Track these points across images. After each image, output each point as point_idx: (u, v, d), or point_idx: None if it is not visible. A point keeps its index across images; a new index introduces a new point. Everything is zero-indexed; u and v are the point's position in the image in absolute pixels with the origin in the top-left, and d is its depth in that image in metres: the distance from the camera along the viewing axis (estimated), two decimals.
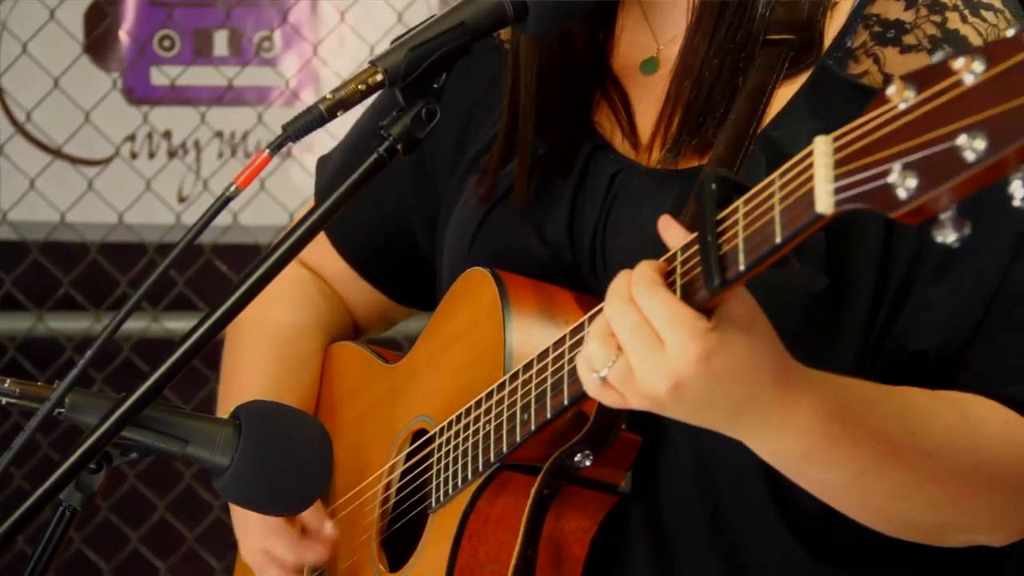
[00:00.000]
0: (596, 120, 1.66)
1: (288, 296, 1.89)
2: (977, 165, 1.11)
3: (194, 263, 3.85)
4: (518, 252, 1.64)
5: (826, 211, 1.21)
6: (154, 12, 3.97)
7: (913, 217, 1.16)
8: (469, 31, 1.48)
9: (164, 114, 3.96)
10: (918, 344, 1.50)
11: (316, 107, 1.42)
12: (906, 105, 1.15)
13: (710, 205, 1.33)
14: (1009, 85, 1.09)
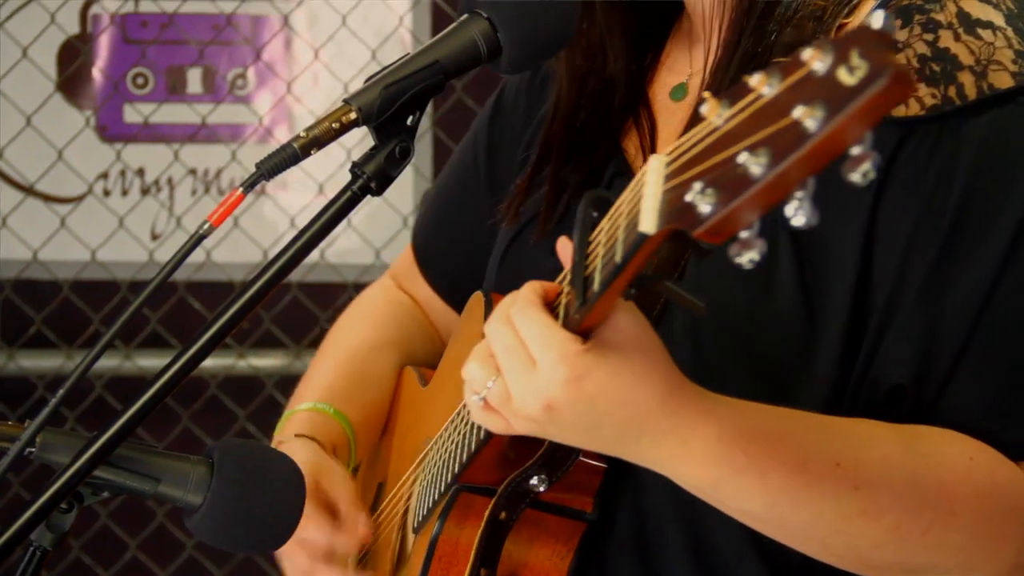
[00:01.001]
0: (624, 145, 1.67)
1: (376, 316, 1.94)
2: (762, 180, 1.10)
3: (167, 300, 3.84)
4: (541, 274, 1.65)
5: (649, 230, 1.20)
6: (127, 50, 3.97)
7: (714, 236, 1.15)
8: (443, 69, 1.48)
9: (137, 151, 3.96)
10: (895, 378, 1.48)
11: (290, 145, 1.42)
12: (720, 121, 1.15)
13: (583, 225, 1.33)
14: (790, 100, 1.09)
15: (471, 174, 1.86)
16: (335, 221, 1.46)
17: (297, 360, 3.88)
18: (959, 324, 1.46)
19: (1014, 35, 1.50)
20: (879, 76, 1.06)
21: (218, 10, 3.90)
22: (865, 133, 1.08)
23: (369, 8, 3.88)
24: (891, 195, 1.47)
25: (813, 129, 1.08)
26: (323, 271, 3.83)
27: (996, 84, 1.47)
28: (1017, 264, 1.45)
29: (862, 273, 1.48)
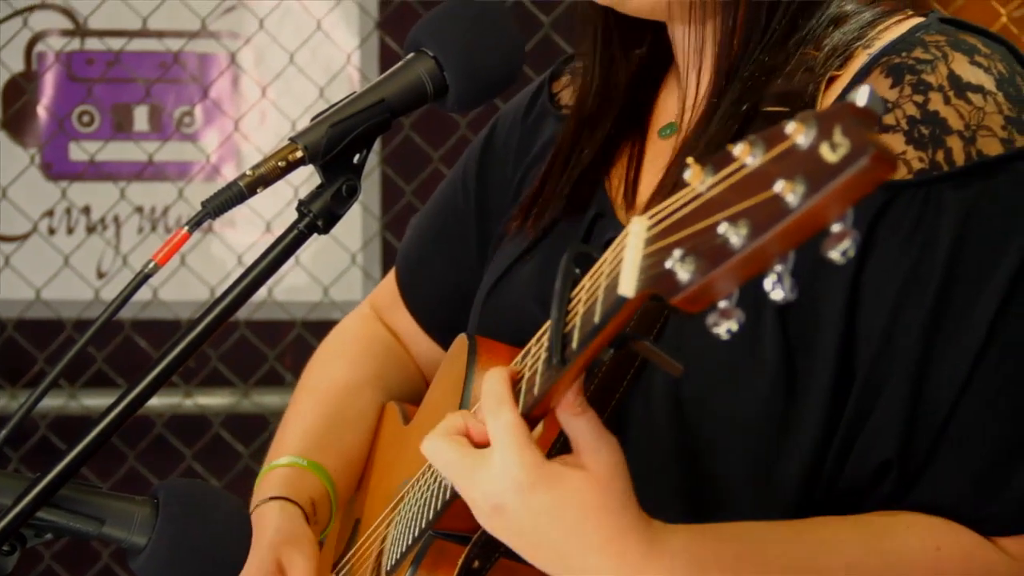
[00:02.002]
0: (610, 176, 1.67)
1: (352, 352, 1.92)
2: (741, 252, 1.10)
3: (113, 339, 3.82)
4: (521, 318, 1.64)
5: (627, 293, 1.20)
6: (73, 88, 3.96)
7: (692, 304, 1.15)
8: (389, 108, 1.49)
9: (83, 189, 3.94)
10: (883, 453, 1.46)
11: (236, 184, 1.42)
12: (703, 187, 1.14)
13: (565, 281, 1.32)
14: (773, 173, 1.09)
15: (459, 207, 1.85)
16: (282, 259, 1.46)
17: (244, 399, 3.86)
18: (944, 397, 1.44)
19: (1004, 100, 1.47)
20: (860, 156, 1.05)
21: (165, 48, 3.89)
22: (846, 211, 1.08)
23: (317, 46, 3.88)
24: (876, 259, 1.45)
25: (794, 204, 1.07)
26: (271, 309, 3.81)
27: (985, 151, 1.45)
28: (1001, 338, 1.44)
29: (846, 336, 1.46)
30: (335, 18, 3.91)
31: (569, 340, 1.30)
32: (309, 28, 3.86)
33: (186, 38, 3.89)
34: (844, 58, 1.52)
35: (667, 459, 1.51)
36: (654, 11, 1.59)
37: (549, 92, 1.80)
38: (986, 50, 1.49)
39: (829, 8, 1.55)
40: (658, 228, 1.18)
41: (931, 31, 1.52)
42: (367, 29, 3.92)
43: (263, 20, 3.86)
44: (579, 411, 1.36)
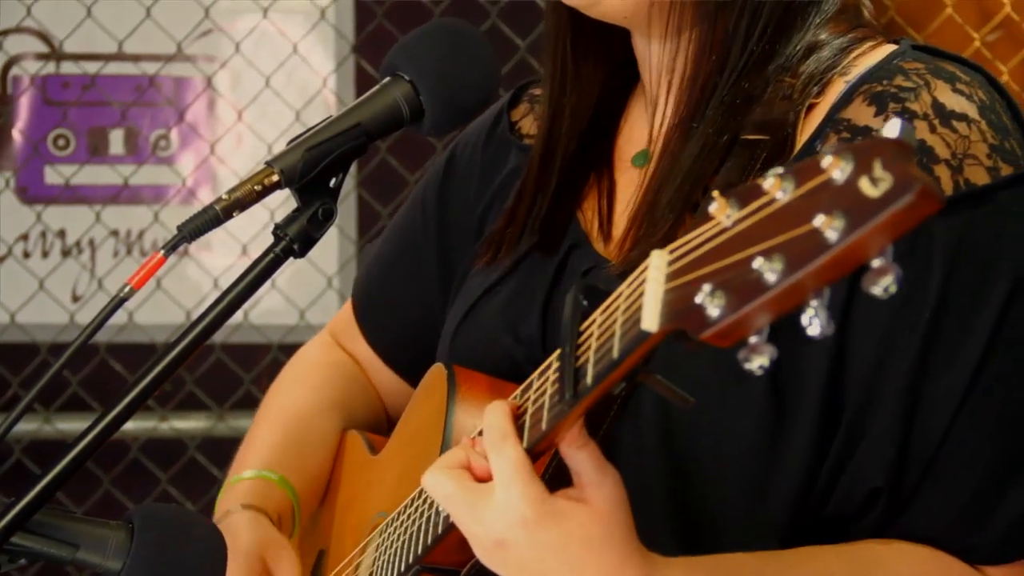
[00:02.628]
0: (582, 207, 1.66)
1: (314, 378, 1.91)
2: (777, 287, 1.09)
3: (88, 363, 3.81)
4: (494, 350, 1.64)
5: (651, 328, 1.19)
6: (48, 111, 3.95)
7: (722, 339, 1.14)
8: (365, 132, 1.49)
9: (58, 213, 3.93)
10: (872, 481, 1.46)
11: (212, 208, 1.42)
12: (728, 221, 1.13)
13: (574, 315, 1.32)
14: (808, 208, 1.08)
15: (418, 237, 1.84)
16: (258, 283, 1.46)
17: (220, 422, 3.85)
18: (935, 426, 1.44)
19: (988, 128, 1.47)
20: (906, 191, 1.04)
21: (141, 71, 3.89)
22: (887, 246, 1.07)
23: (292, 70, 3.88)
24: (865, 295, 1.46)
25: (833, 240, 1.06)
26: (247, 332, 3.81)
27: (972, 179, 1.45)
28: (991, 367, 1.44)
29: (836, 366, 1.46)
30: (311, 42, 3.91)
31: (582, 375, 1.29)
32: (285, 51, 3.86)
33: (162, 62, 3.89)
34: (822, 85, 1.52)
35: (657, 485, 1.51)
36: (629, 17, 1.57)
37: (508, 121, 1.79)
38: (966, 77, 1.50)
39: (806, 35, 1.55)
40: (681, 263, 1.17)
41: (908, 58, 1.52)
42: (343, 53, 3.92)
43: (239, 44, 3.86)
44: (581, 443, 1.36)
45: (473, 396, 1.58)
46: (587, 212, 1.66)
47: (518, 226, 1.67)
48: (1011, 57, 3.73)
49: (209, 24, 3.88)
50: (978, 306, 1.44)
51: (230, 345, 3.82)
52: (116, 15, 3.83)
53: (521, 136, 1.77)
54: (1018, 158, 1.47)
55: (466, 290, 1.73)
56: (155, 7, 3.80)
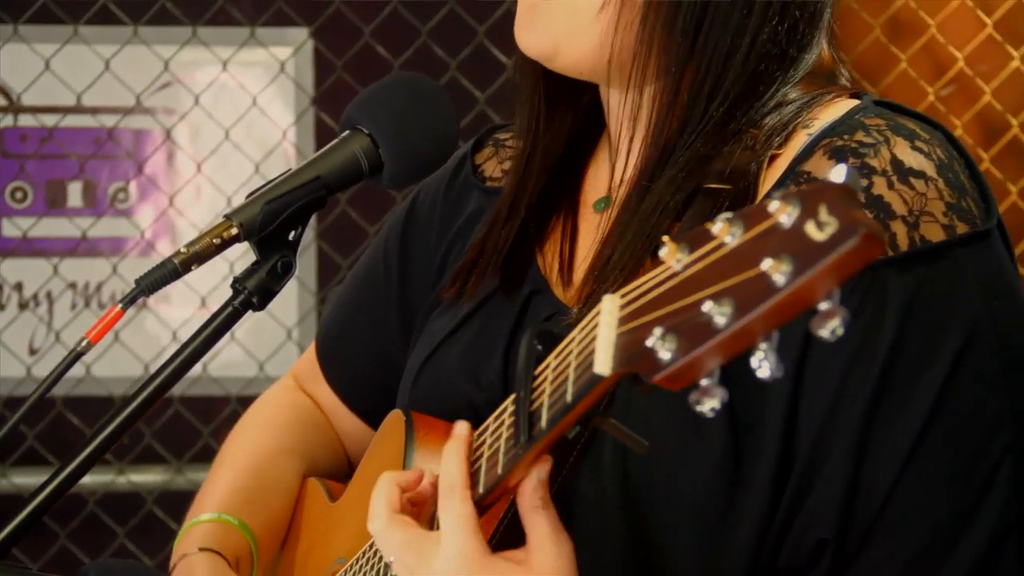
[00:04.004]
0: (543, 251, 1.66)
1: (275, 422, 1.90)
2: (726, 330, 1.10)
3: (45, 416, 3.78)
4: (455, 396, 1.64)
5: (603, 372, 1.20)
6: (6, 164, 3.94)
7: (673, 382, 1.15)
8: (324, 185, 1.49)
9: (15, 266, 3.91)
10: (820, 532, 1.46)
11: (170, 261, 1.42)
12: (679, 266, 1.14)
13: (528, 359, 1.32)
14: (756, 252, 1.09)
15: (380, 280, 1.84)
16: (217, 336, 1.46)
17: (179, 475, 3.83)
18: (882, 481, 1.45)
19: (945, 187, 1.48)
20: (851, 235, 1.06)
21: (99, 124, 3.89)
22: (834, 289, 1.08)
23: (252, 122, 3.89)
24: (820, 341, 1.47)
25: (781, 283, 1.08)
26: (206, 384, 3.79)
27: (928, 236, 1.46)
28: (940, 424, 1.44)
29: (789, 418, 1.46)
30: (271, 94, 3.92)
31: (537, 419, 1.30)
32: (244, 104, 3.87)
33: (121, 114, 3.89)
34: (784, 137, 1.54)
35: (614, 533, 1.51)
36: (587, 72, 1.58)
37: (472, 164, 1.79)
38: (925, 135, 1.51)
39: (772, 99, 1.56)
40: (632, 307, 1.18)
41: (869, 114, 1.53)
42: (303, 105, 3.93)
43: (198, 96, 3.86)
44: (540, 504, 1.37)
45: (431, 442, 1.59)
46: (548, 255, 1.66)
47: (486, 257, 1.67)
48: (965, 112, 3.76)
49: (168, 77, 3.89)
50: (928, 362, 1.45)
51: (188, 397, 3.81)
52: (75, 68, 3.83)
53: (484, 179, 1.78)
54: (974, 217, 1.48)
55: (427, 335, 1.73)
56: (114, 60, 3.80)
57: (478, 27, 3.72)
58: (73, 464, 1.41)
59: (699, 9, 1.53)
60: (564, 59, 1.57)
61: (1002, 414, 1.46)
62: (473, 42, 3.74)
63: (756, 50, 1.55)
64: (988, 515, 1.45)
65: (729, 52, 1.54)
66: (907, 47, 3.74)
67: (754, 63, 1.55)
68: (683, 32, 1.53)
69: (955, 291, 1.46)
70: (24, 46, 3.80)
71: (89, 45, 3.79)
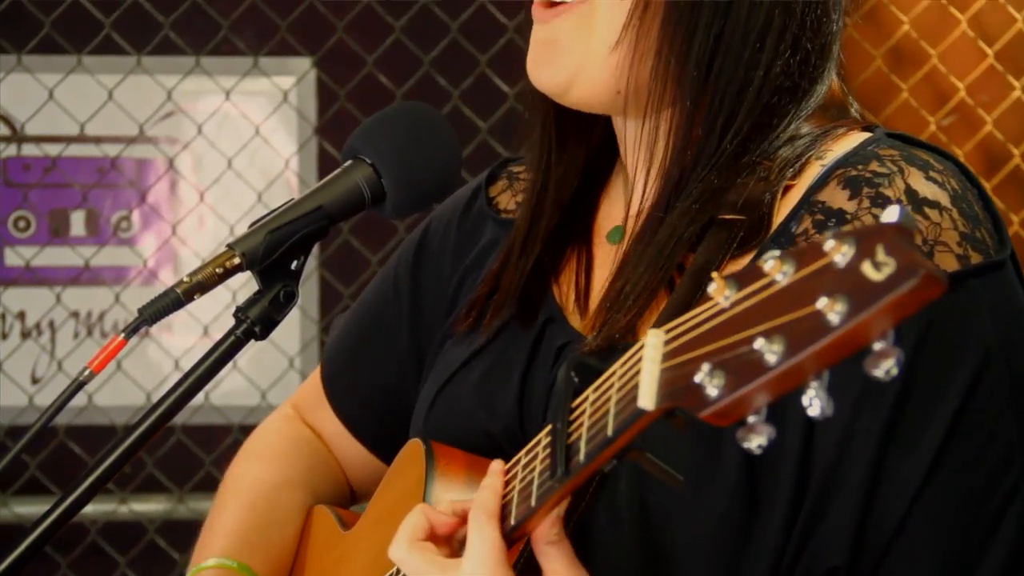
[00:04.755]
0: (559, 281, 1.67)
1: (276, 453, 1.89)
2: (777, 368, 1.10)
3: (47, 445, 3.78)
4: (471, 425, 1.64)
5: (648, 407, 1.20)
6: (9, 193, 3.95)
7: (721, 418, 1.15)
8: (327, 215, 1.50)
9: (18, 295, 3.92)
10: (831, 560, 1.46)
11: (172, 291, 1.42)
12: (727, 303, 1.14)
13: (566, 392, 1.32)
14: (809, 290, 1.10)
15: (390, 308, 1.84)
16: (219, 365, 1.46)
17: (180, 504, 3.83)
18: (893, 512, 1.45)
19: (959, 217, 1.48)
20: (910, 276, 1.06)
21: (102, 153, 3.90)
22: (889, 330, 1.08)
23: (255, 151, 3.90)
24: (834, 371, 1.46)
25: (836, 323, 1.07)
26: (207, 413, 3.79)
27: (942, 265, 1.46)
28: (952, 453, 1.45)
29: (805, 446, 1.47)
30: (274, 123, 3.93)
31: (575, 452, 1.29)
32: (247, 133, 3.87)
33: (124, 143, 3.90)
34: (797, 168, 1.54)
35: (631, 560, 1.51)
36: (600, 106, 1.59)
37: (486, 196, 1.80)
38: (939, 166, 1.52)
39: (786, 131, 1.57)
40: (678, 342, 1.18)
41: (882, 145, 1.54)
42: (305, 135, 3.94)
43: (201, 126, 3.87)
44: (555, 539, 1.37)
45: (451, 472, 1.58)
46: (563, 285, 1.66)
47: (501, 294, 1.67)
48: (966, 141, 3.77)
49: (171, 106, 3.90)
50: (942, 391, 1.45)
51: (191, 426, 3.80)
52: (78, 97, 3.84)
53: (498, 211, 1.78)
54: (988, 247, 1.49)
55: (442, 363, 1.73)
56: (117, 89, 3.81)
57: (480, 57, 3.73)
58: (75, 493, 1.41)
59: (712, 43, 1.54)
60: (578, 93, 1.58)
61: (1015, 444, 1.46)
62: (475, 71, 3.74)
63: (769, 83, 1.55)
64: (1001, 545, 1.45)
65: (743, 85, 1.54)
66: (908, 77, 3.75)
67: (767, 96, 1.55)
68: (696, 65, 1.54)
69: (968, 321, 1.47)
70: (28, 76, 3.81)
71: (92, 75, 3.80)
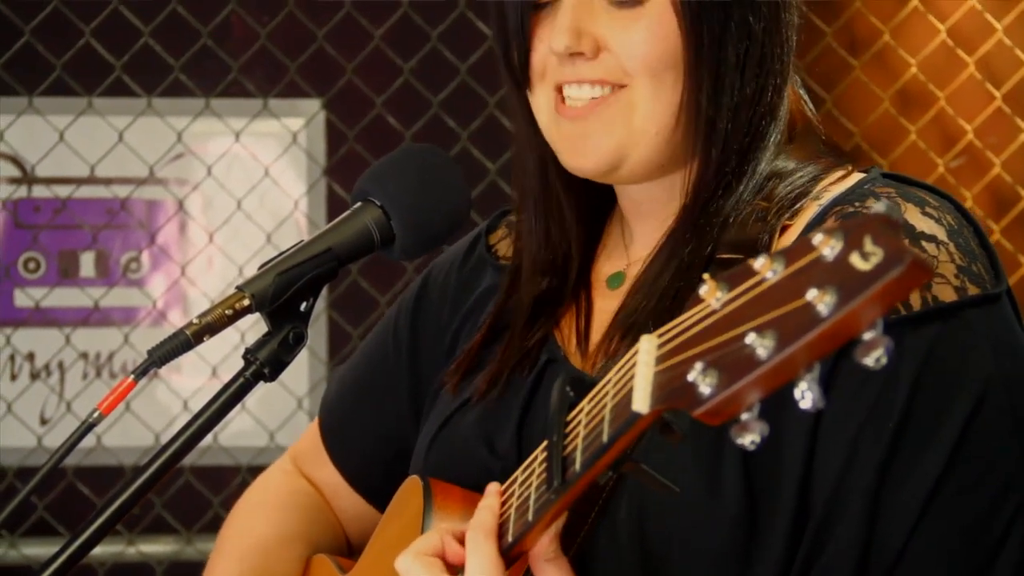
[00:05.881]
0: (560, 325, 1.68)
1: (273, 505, 1.89)
2: (769, 362, 1.12)
3: (55, 486, 3.78)
4: (470, 463, 1.64)
5: (642, 410, 1.21)
6: (19, 235, 3.96)
7: (715, 416, 1.16)
8: (336, 256, 1.50)
9: (27, 336, 3.92)
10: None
11: (182, 332, 1.43)
12: (718, 304, 1.16)
13: (561, 405, 1.33)
14: (799, 284, 1.11)
15: (390, 359, 1.84)
16: (228, 407, 1.46)
17: (188, 546, 3.82)
18: (895, 538, 1.46)
19: (956, 251, 1.50)
20: (897, 262, 1.07)
21: (112, 195, 3.91)
22: (878, 319, 1.09)
23: (264, 192, 3.91)
24: (835, 398, 1.47)
25: (825, 313, 1.09)
26: (216, 454, 3.79)
27: (940, 297, 1.48)
28: (952, 481, 1.46)
29: (804, 475, 1.48)
30: (283, 165, 3.94)
31: (571, 462, 1.30)
32: (257, 174, 3.88)
33: (134, 185, 3.91)
34: (794, 210, 1.56)
35: None
36: (647, 178, 1.61)
37: (486, 244, 1.81)
38: (935, 203, 1.54)
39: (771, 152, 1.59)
40: (671, 345, 1.20)
41: (878, 184, 1.56)
42: (314, 176, 3.95)
43: (211, 167, 3.88)
44: (553, 556, 1.39)
45: (448, 508, 1.59)
46: (564, 330, 1.68)
47: (505, 365, 1.68)
48: (974, 183, 3.77)
49: (181, 148, 3.91)
50: (941, 421, 1.46)
51: (199, 467, 3.80)
52: (88, 139, 3.85)
53: (498, 257, 1.79)
54: (985, 281, 1.51)
55: (441, 403, 1.73)
56: (127, 131, 3.82)
57: (489, 98, 3.74)
58: (84, 535, 1.41)
59: (736, 100, 1.57)
60: (623, 173, 1.60)
61: (1014, 473, 1.47)
62: (484, 113, 3.76)
63: (752, 127, 1.59)
64: (1002, 571, 1.45)
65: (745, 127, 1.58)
66: (916, 119, 3.75)
67: (755, 126, 1.59)
68: (696, 132, 1.58)
69: (967, 350, 1.48)
70: (38, 118, 3.83)
71: (103, 116, 3.82)
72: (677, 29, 1.55)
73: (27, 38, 3.78)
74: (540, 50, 1.60)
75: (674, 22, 1.55)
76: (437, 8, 3.80)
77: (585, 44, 1.56)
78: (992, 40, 3.72)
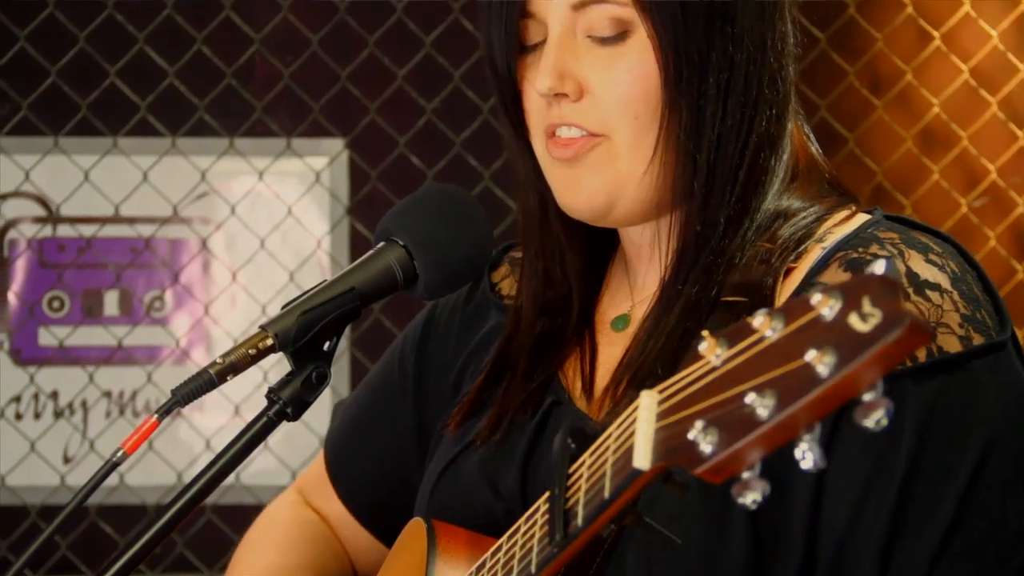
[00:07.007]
0: (563, 368, 1.68)
1: (283, 538, 1.89)
2: (769, 422, 1.12)
3: (78, 525, 3.78)
4: (474, 505, 1.64)
5: (643, 466, 1.21)
6: (44, 273, 3.97)
7: (716, 475, 1.16)
8: (359, 296, 1.50)
9: (51, 374, 3.93)
10: None
11: (206, 371, 1.43)
12: (718, 360, 1.16)
13: (563, 457, 1.33)
14: (798, 344, 1.11)
15: (395, 395, 1.85)
16: (251, 446, 1.46)
17: None
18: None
19: (960, 299, 1.50)
20: (896, 325, 1.07)
21: (136, 234, 3.92)
22: (878, 380, 1.09)
23: (287, 231, 3.92)
24: (840, 453, 1.47)
25: (824, 374, 1.09)
26: (238, 493, 3.79)
27: (945, 347, 1.47)
28: (961, 535, 1.45)
29: (811, 526, 1.47)
30: (306, 204, 3.95)
31: (572, 516, 1.30)
32: (280, 213, 3.90)
33: (158, 224, 3.92)
34: (798, 253, 1.56)
35: None
36: (643, 218, 1.61)
37: (489, 282, 1.81)
38: (938, 248, 1.53)
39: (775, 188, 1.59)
40: (671, 401, 1.20)
41: (882, 227, 1.56)
42: (337, 215, 3.96)
43: (235, 206, 3.90)
44: None
45: (453, 550, 1.59)
46: (569, 373, 1.68)
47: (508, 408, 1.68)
48: (998, 223, 3.77)
49: (205, 187, 3.93)
50: (949, 472, 1.45)
51: (221, 506, 3.80)
52: (113, 179, 3.87)
53: (501, 296, 1.79)
54: (989, 328, 1.50)
55: (445, 444, 1.73)
56: (152, 170, 3.84)
57: None
58: (107, 574, 1.41)
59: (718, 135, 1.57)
60: (617, 215, 1.60)
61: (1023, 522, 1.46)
62: (506, 152, 3.76)
63: (744, 159, 1.58)
64: None
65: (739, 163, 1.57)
66: (939, 159, 3.75)
67: (743, 170, 1.58)
68: (696, 180, 1.57)
69: (973, 401, 1.47)
70: (64, 157, 3.85)
71: (128, 156, 3.84)
72: (656, 65, 1.55)
73: (53, 79, 3.81)
74: (530, 94, 1.61)
75: (653, 58, 1.55)
76: (459, 48, 3.81)
77: (568, 85, 1.57)
78: (1015, 80, 3.72)
